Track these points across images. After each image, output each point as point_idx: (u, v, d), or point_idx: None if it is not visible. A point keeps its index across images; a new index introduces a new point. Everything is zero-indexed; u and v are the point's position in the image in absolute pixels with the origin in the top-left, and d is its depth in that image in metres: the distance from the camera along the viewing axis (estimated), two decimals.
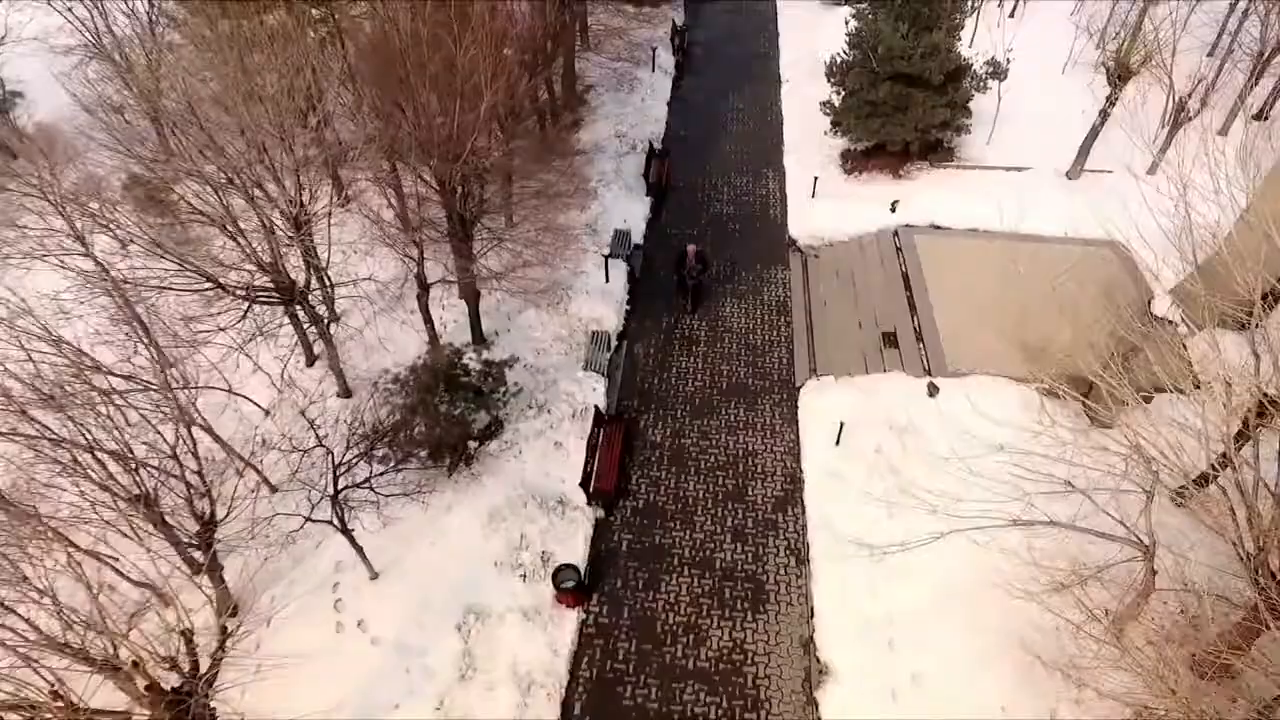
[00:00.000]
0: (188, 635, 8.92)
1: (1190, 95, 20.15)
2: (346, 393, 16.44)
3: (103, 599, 8.76)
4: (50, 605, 8.51)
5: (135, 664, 8.44)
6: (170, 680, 8.71)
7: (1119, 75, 19.61)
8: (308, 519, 12.19)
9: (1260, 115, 23.34)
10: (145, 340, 13.09)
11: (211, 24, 15.59)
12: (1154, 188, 13.92)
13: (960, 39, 20.44)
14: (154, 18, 22.13)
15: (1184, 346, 16.10)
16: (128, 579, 12.03)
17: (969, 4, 23.72)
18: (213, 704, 9.14)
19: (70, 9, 21.22)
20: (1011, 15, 29.53)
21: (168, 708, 8.48)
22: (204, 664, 9.03)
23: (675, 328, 18.88)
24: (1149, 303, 17.03)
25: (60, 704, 7.97)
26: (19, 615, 8.46)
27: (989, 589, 12.36)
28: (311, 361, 17.23)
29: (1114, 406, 11.69)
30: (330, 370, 16.09)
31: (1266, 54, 21.44)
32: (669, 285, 19.31)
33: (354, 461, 12.19)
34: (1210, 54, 25.20)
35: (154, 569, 10.70)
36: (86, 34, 21.52)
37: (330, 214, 15.13)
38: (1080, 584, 10.48)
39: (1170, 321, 16.43)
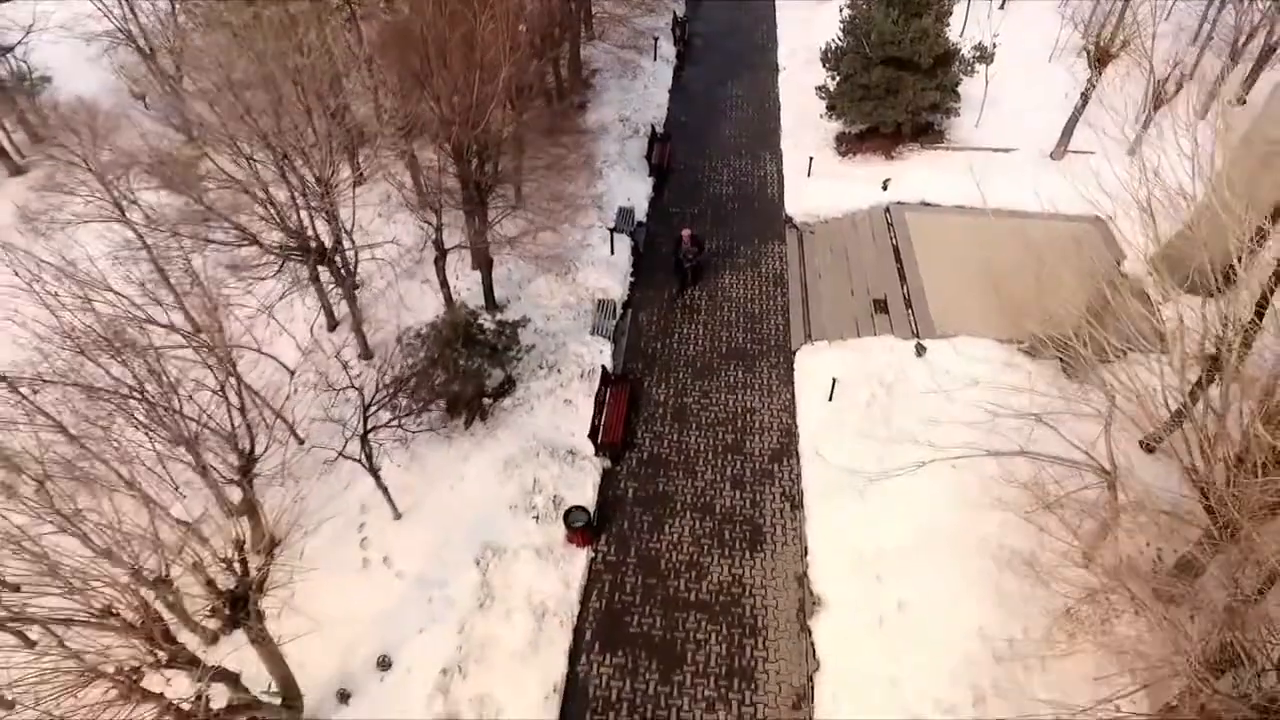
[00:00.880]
0: (239, 543, 9.88)
1: (1167, 79, 21.14)
2: (367, 354, 17.41)
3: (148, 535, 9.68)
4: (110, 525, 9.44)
5: (195, 565, 9.42)
6: (227, 583, 9.67)
7: (1098, 59, 20.61)
8: (340, 453, 13.16)
9: (1240, 100, 24.32)
10: (191, 289, 14.02)
11: (240, 10, 16.67)
12: (1133, 166, 14.87)
13: (949, 24, 21.43)
14: (175, 6, 23.09)
15: (1158, 311, 17.09)
16: (171, 518, 12.97)
17: None
18: (262, 607, 10.10)
19: None
20: (1001, 7, 30.54)
21: (226, 605, 9.44)
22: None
23: (677, 298, 19.86)
24: (1119, 263, 18.00)
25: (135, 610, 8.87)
26: (81, 533, 9.39)
27: (969, 524, 13.39)
28: (333, 326, 18.24)
29: (1087, 362, 12.63)
30: (353, 332, 17.07)
31: (1241, 40, 22.45)
32: (670, 259, 20.27)
33: (383, 401, 13.15)
34: (1194, 42, 26.23)
35: (190, 515, 11.65)
36: (114, 21, 22.52)
37: (354, 185, 16.16)
38: (1057, 504, 11.41)
39: (1127, 276, 17.38)
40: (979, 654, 12.09)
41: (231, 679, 10.25)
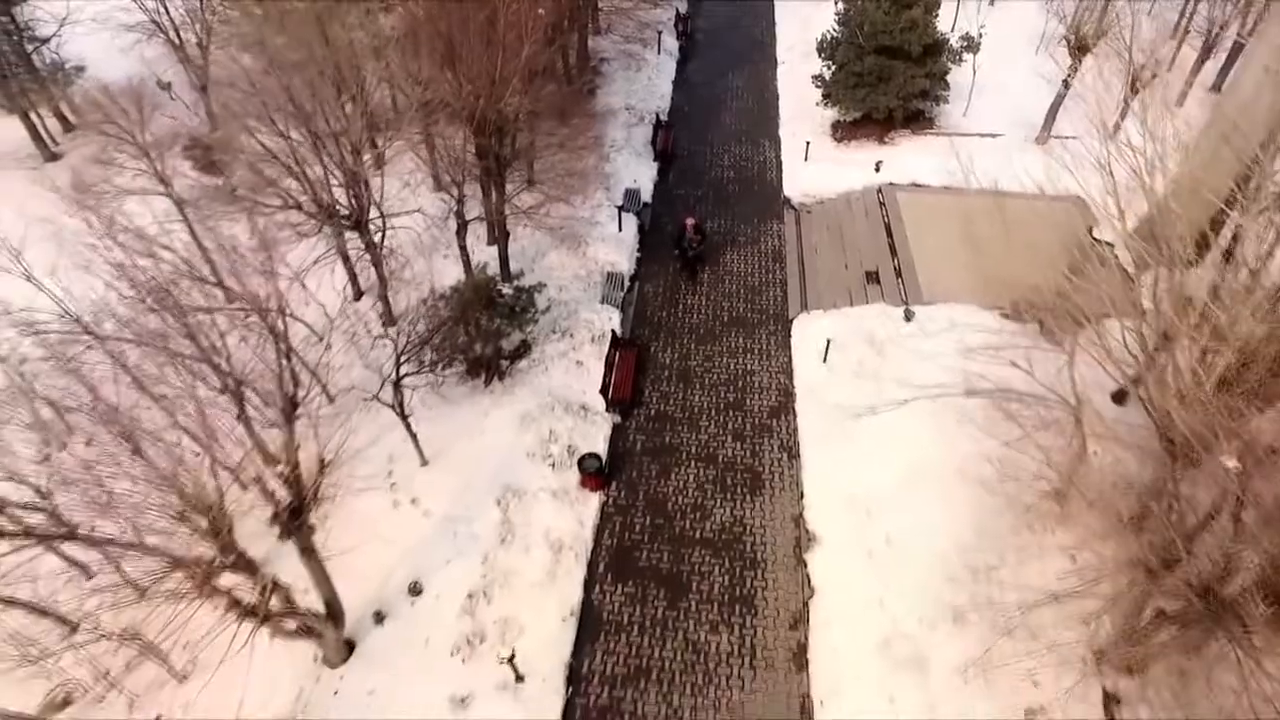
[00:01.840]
0: (293, 462, 11.04)
1: (1143, 68, 22.35)
2: (391, 321, 18.58)
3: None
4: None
5: (258, 477, 10.59)
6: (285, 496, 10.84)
7: (1078, 47, 21.85)
8: (375, 396, 14.34)
9: (1215, 88, 25.58)
10: (232, 254, 15.22)
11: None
12: (1111, 150, 16.04)
13: (938, 16, 22.67)
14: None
15: (1134, 281, 18.27)
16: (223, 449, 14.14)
17: None
18: (312, 521, 11.27)
19: None
20: (991, 3, 31.81)
21: (283, 514, 10.60)
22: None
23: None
24: (1090, 230, 19.21)
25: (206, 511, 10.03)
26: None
27: (950, 461, 14.59)
28: (358, 296, 19.44)
29: (1064, 326, 13.77)
30: (379, 299, 18.25)
31: (1214, 32, 23.71)
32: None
33: (413, 351, 14.33)
34: (1172, 36, 27.48)
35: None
36: (147, 13, 23.75)
37: (379, 166, 17.38)
38: (1030, 434, 12.59)
39: (1109, 244, 18.58)
40: (960, 575, 13.24)
41: (283, 590, 11.41)
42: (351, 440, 15.89)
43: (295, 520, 10.80)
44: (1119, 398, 15.77)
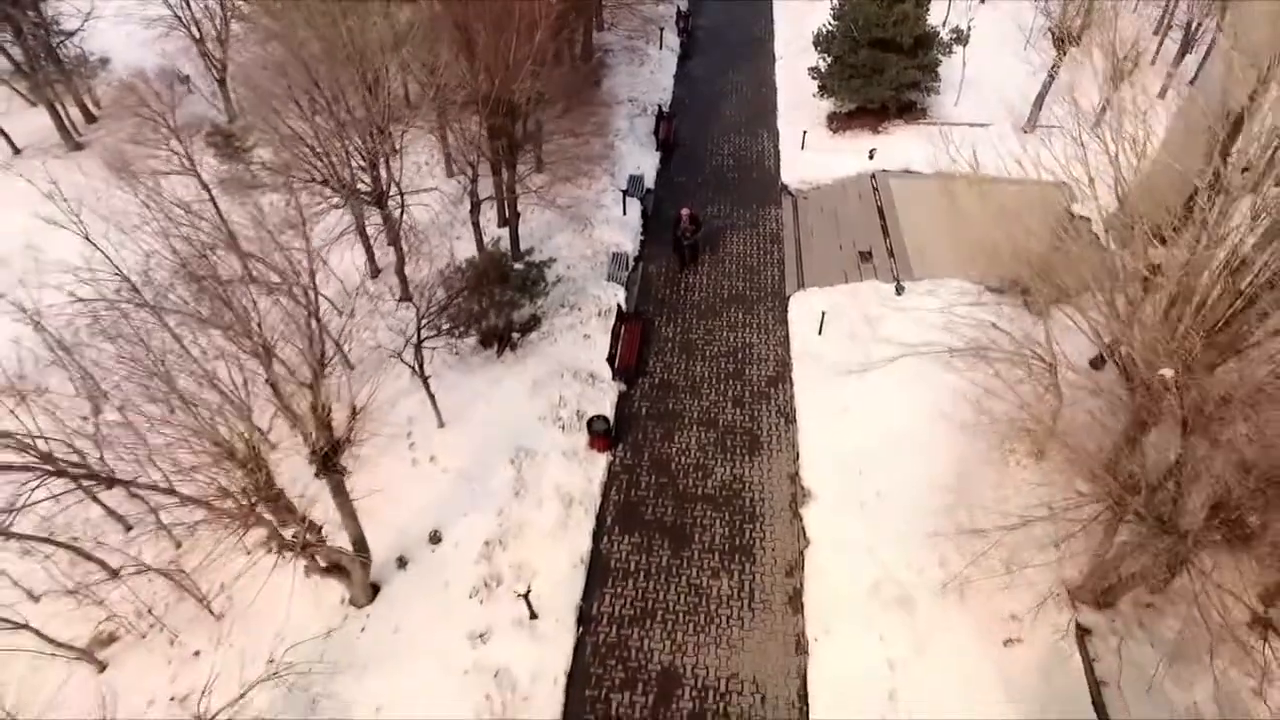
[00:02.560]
0: (327, 407, 11.98)
1: (1124, 59, 23.37)
2: (407, 296, 19.53)
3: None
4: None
5: (298, 417, 11.53)
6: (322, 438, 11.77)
7: (1062, 40, 22.88)
8: (398, 355, 15.29)
9: (1194, 80, 26.58)
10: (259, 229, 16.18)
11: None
12: (1092, 137, 17.02)
13: (928, 10, 23.71)
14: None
15: (1115, 260, 19.25)
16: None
17: None
18: (345, 462, 12.21)
19: None
20: (983, 1, 32.87)
21: (324, 452, 11.54)
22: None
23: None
24: (1069, 206, 20.18)
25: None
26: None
27: (937, 422, 15.54)
28: (375, 274, 20.39)
29: (1045, 298, 14.71)
30: (396, 275, 19.20)
31: (1194, 26, 24.76)
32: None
33: (432, 316, 15.28)
34: (1156, 31, 28.56)
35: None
36: (171, 8, 24.74)
37: (396, 150, 18.32)
38: (1010, 386, 13.54)
39: (1085, 218, 19.56)
40: (943, 522, 14.14)
41: (316, 528, 12.34)
42: (373, 404, 16.95)
43: (332, 460, 11.73)
44: (1096, 363, 16.71)
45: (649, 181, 24.41)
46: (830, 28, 25.13)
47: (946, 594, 13.30)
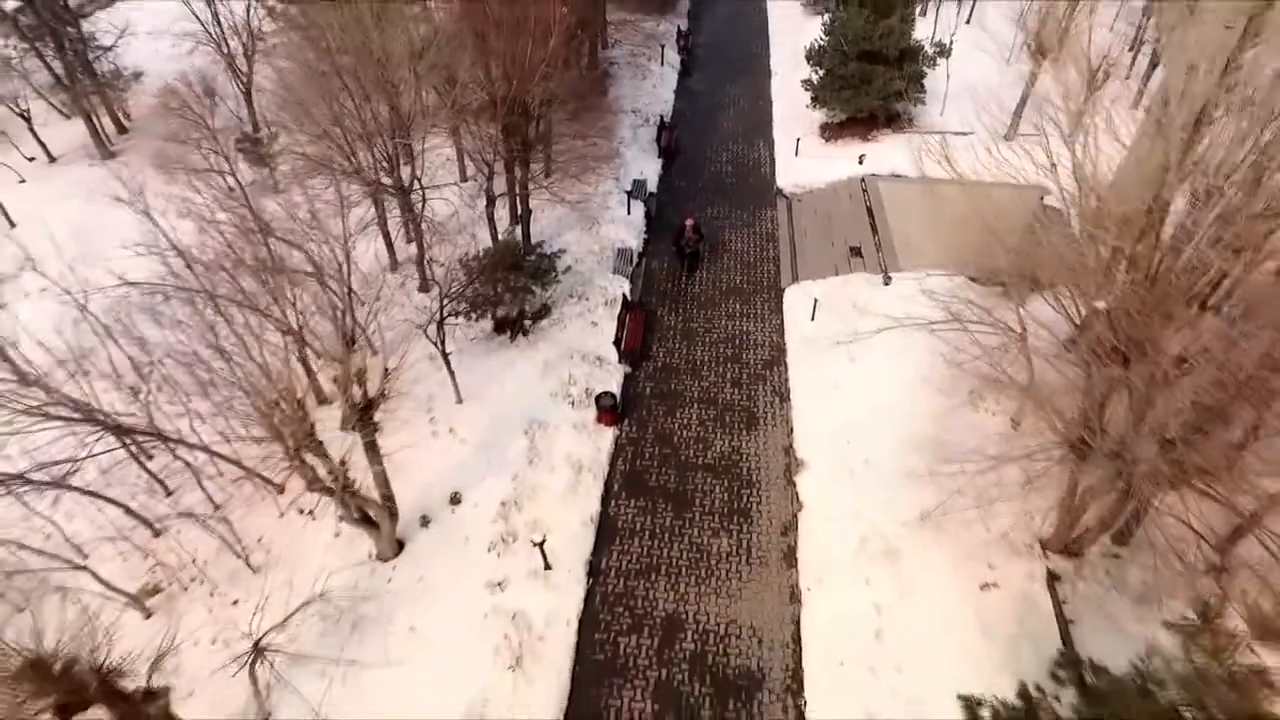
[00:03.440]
0: (361, 371, 13.21)
1: (1098, 71, 24.91)
2: (425, 287, 20.85)
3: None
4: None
5: (335, 379, 12.76)
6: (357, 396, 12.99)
7: (1039, 52, 24.44)
8: (422, 329, 16.54)
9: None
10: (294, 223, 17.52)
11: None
12: (1070, 145, 18.41)
13: (913, 25, 25.31)
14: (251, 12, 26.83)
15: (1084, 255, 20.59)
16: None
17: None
18: (377, 418, 13.41)
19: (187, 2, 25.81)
20: (968, 21, 34.63)
21: (359, 406, 12.75)
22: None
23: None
24: (1041, 199, 21.55)
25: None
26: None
27: (919, 397, 16.75)
28: (395, 267, 21.72)
29: (1021, 287, 15.98)
30: (415, 265, 20.53)
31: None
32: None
33: (459, 292, 16.57)
34: (1131, 47, 30.22)
35: None
36: (202, 23, 26.32)
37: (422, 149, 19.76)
38: (985, 351, 14.78)
39: (1057, 210, 20.91)
40: (926, 484, 15.27)
41: (350, 479, 13.51)
42: (397, 381, 18.20)
43: (367, 414, 12.94)
44: (1069, 346, 17.95)
45: (651, 185, 25.85)
46: (822, 42, 26.74)
47: (927, 538, 14.45)
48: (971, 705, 9.69)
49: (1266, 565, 11.13)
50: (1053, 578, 13.96)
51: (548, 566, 14.63)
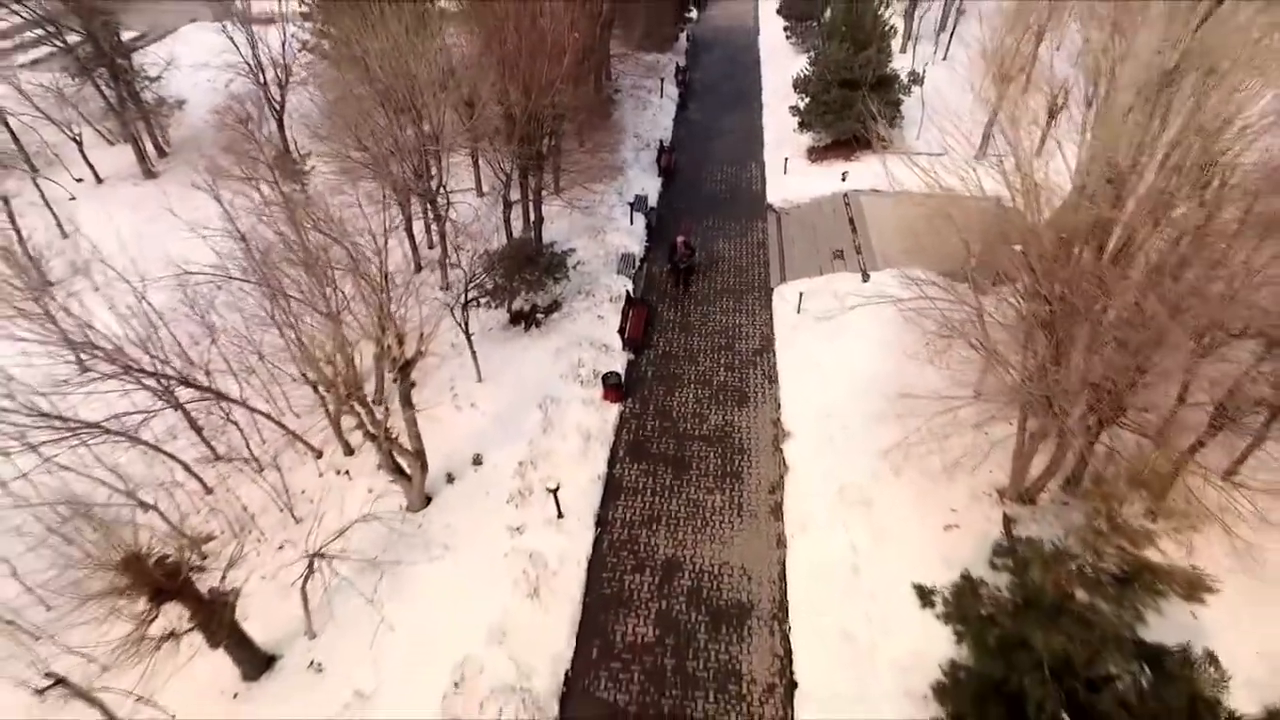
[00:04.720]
0: (400, 337, 15.19)
1: (1057, 96, 27.45)
2: (446, 286, 22.96)
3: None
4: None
5: (378, 340, 14.75)
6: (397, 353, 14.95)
7: (1001, 78, 26.99)
8: (449, 307, 18.57)
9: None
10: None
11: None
12: (1035, 163, 20.69)
13: (890, 57, 27.94)
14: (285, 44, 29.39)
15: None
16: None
17: (896, 29, 31.46)
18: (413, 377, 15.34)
19: (231, 37, 28.41)
20: (944, 58, 37.47)
21: (400, 363, 14.70)
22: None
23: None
24: (999, 200, 23.74)
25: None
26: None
27: (886, 357, 18.80)
28: (418, 269, 23.86)
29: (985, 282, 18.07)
30: (438, 264, 22.67)
31: None
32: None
33: (481, 276, 18.65)
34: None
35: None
36: (242, 55, 28.90)
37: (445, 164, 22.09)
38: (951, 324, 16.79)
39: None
40: (895, 451, 17.09)
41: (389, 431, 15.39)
42: (423, 363, 20.16)
43: (406, 371, 14.89)
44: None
45: (652, 201, 28.18)
46: (807, 72, 29.37)
47: (899, 490, 16.27)
48: (924, 592, 11.46)
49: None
50: (1009, 520, 15.74)
51: (560, 515, 16.41)
